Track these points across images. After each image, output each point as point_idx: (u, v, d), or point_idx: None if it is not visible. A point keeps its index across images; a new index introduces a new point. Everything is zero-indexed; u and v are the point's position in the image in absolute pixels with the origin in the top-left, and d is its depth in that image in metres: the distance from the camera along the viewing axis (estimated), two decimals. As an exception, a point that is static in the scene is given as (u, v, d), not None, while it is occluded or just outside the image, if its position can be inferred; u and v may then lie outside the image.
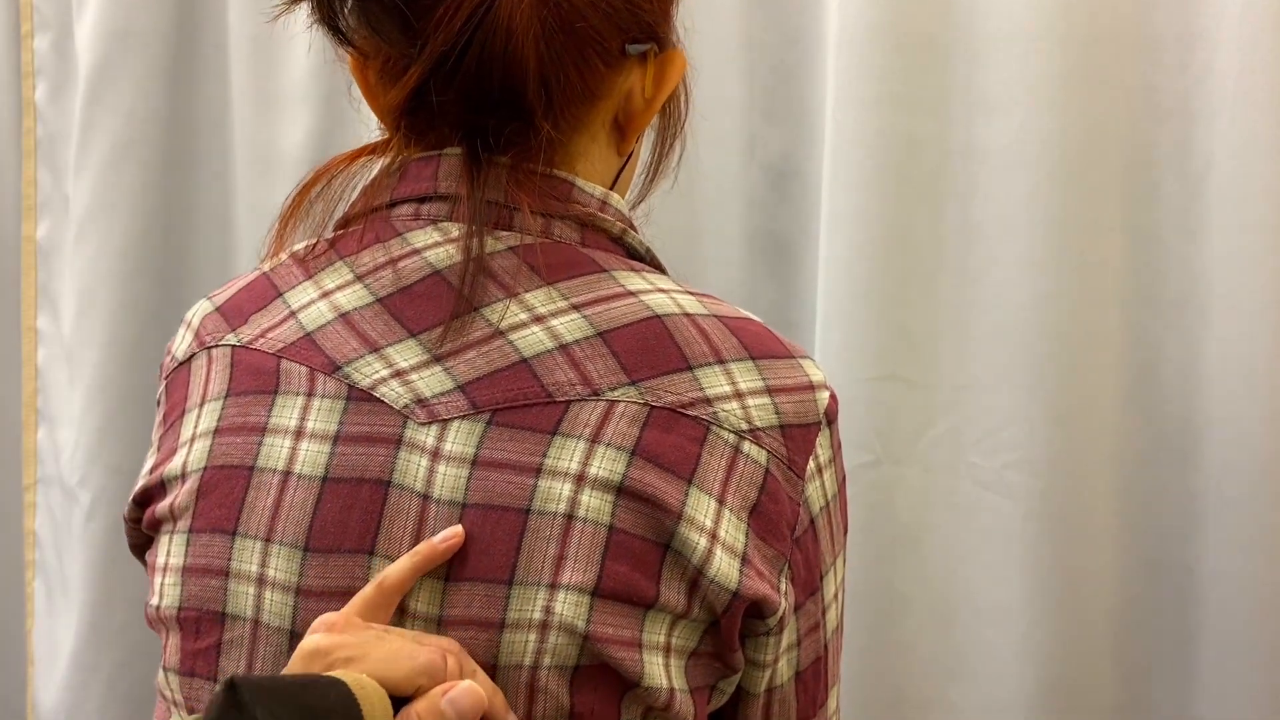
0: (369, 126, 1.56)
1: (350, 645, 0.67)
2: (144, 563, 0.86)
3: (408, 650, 0.68)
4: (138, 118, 1.67)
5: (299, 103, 1.63)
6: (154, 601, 0.80)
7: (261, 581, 0.75)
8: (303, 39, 1.57)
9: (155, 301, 1.70)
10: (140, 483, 0.84)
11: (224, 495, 0.77)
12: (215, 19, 1.67)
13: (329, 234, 0.84)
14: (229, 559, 0.76)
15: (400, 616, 0.73)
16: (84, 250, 1.69)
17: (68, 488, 1.75)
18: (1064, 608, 1.35)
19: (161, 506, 0.81)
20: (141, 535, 0.85)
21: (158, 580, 0.80)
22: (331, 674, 0.65)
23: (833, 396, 0.80)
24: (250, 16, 1.63)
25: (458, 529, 0.72)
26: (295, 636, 0.74)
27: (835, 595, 0.83)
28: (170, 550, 0.79)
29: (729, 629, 0.75)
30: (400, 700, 0.67)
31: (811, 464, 0.78)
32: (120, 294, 1.69)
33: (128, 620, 1.72)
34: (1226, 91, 1.27)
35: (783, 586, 0.76)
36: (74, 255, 1.71)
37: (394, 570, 0.72)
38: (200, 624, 0.77)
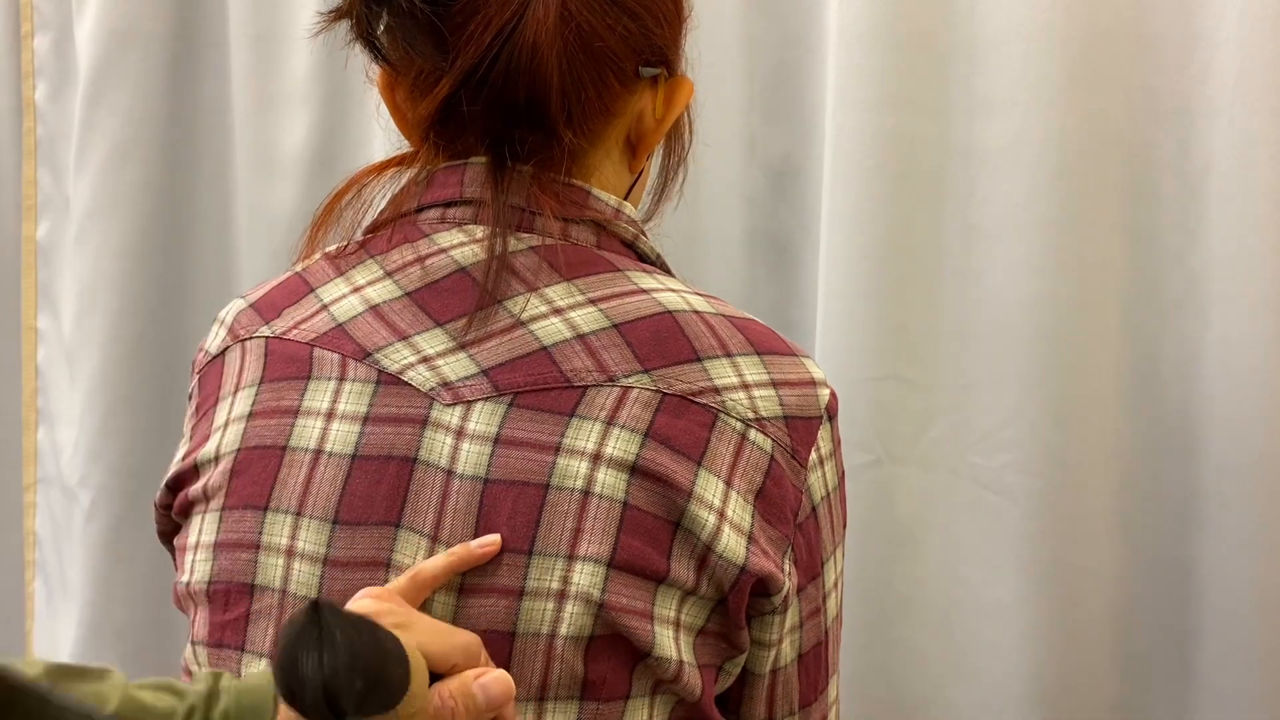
0: (368, 128, 1.58)
1: (399, 613, 0.73)
2: (170, 550, 0.90)
3: (448, 628, 0.74)
4: (138, 118, 1.68)
5: (299, 103, 1.64)
6: (183, 579, 0.84)
7: (291, 553, 0.79)
8: (302, 39, 1.60)
9: (155, 301, 1.71)
10: (172, 469, 0.88)
11: (257, 473, 0.81)
12: (215, 19, 1.68)
13: (359, 238, 0.88)
14: (260, 533, 0.80)
15: None
16: (84, 250, 1.70)
17: (68, 488, 1.76)
18: (1063, 607, 1.36)
19: (194, 489, 0.85)
20: (170, 522, 0.90)
21: (188, 558, 0.84)
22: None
23: (833, 394, 0.85)
24: (250, 17, 1.64)
25: (495, 537, 0.78)
26: None
27: (835, 584, 0.88)
28: (202, 529, 0.83)
29: (736, 607, 0.79)
30: (432, 677, 0.70)
31: (813, 455, 0.82)
32: (120, 294, 1.69)
33: (128, 620, 1.73)
34: (1226, 91, 1.28)
35: (786, 567, 0.81)
36: (74, 255, 1.71)
37: (429, 565, 0.77)
38: (230, 596, 0.81)
